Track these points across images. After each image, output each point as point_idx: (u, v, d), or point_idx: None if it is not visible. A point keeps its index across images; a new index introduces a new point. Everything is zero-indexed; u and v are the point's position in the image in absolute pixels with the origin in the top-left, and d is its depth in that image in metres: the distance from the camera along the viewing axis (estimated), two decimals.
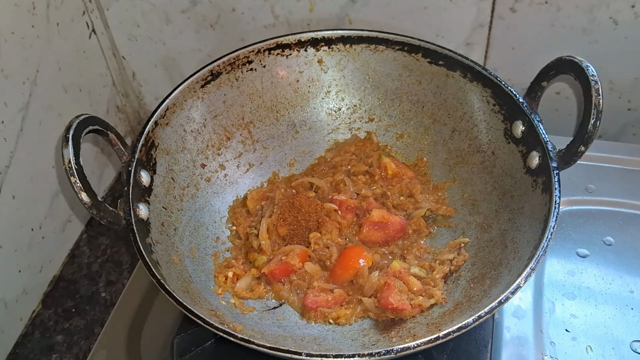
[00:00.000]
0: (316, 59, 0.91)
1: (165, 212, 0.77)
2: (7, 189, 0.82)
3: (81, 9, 0.98)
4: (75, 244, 0.99)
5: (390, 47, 0.88)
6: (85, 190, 0.65)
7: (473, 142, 0.84)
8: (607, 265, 0.79)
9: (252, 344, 0.59)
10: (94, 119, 0.70)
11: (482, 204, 0.81)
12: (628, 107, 0.96)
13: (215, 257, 0.81)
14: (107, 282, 0.94)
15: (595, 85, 0.66)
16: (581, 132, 0.68)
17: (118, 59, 1.10)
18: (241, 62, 0.87)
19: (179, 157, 0.82)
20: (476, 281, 0.72)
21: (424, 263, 0.77)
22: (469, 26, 0.93)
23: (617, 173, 0.89)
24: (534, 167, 0.73)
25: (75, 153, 0.65)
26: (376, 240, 0.81)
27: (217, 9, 1.00)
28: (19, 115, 0.83)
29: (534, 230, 0.68)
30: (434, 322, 0.69)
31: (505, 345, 0.72)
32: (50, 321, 0.89)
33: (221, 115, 0.87)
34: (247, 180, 0.90)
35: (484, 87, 0.81)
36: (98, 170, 1.05)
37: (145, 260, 0.65)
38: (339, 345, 0.69)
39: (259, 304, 0.76)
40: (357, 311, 0.74)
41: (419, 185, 0.86)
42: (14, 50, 0.82)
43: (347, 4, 0.95)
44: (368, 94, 0.93)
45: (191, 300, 0.68)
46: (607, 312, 0.74)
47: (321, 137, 0.94)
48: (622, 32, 0.88)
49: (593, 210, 0.85)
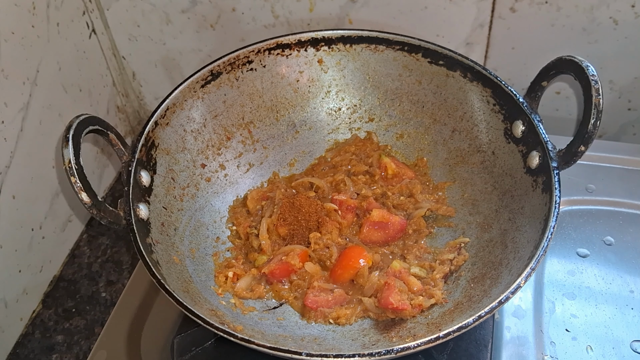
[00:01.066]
0: (316, 58, 0.91)
1: (165, 212, 0.77)
2: (7, 189, 0.82)
3: (81, 9, 0.98)
4: (75, 244, 1.00)
5: (390, 47, 0.88)
6: (85, 190, 0.65)
7: (473, 142, 0.84)
8: (607, 265, 0.79)
9: (252, 344, 0.59)
10: (94, 119, 0.70)
11: (482, 203, 0.81)
12: (628, 107, 0.96)
13: (215, 257, 0.81)
14: (107, 282, 0.94)
15: (595, 85, 0.66)
16: (581, 132, 0.68)
17: (118, 59, 1.10)
18: (241, 62, 0.87)
19: (179, 157, 0.82)
20: (476, 281, 0.72)
21: (424, 263, 0.77)
22: (469, 26, 0.93)
23: (617, 173, 0.89)
24: (534, 167, 0.73)
25: (75, 153, 0.65)
26: (376, 240, 0.81)
27: (217, 9, 1.00)
28: (19, 115, 0.83)
29: (534, 230, 0.68)
30: (434, 322, 0.69)
31: (506, 345, 0.72)
32: (51, 321, 0.89)
33: (221, 115, 0.87)
34: (247, 180, 0.90)
35: (484, 87, 0.82)
36: (98, 170, 1.05)
37: (146, 260, 0.65)
38: (339, 345, 0.69)
39: (259, 304, 0.76)
40: (357, 311, 0.74)
41: (419, 185, 0.86)
42: (14, 50, 0.82)
43: (347, 3, 0.95)
44: (368, 94, 0.93)
45: (191, 300, 0.68)
46: (607, 312, 0.74)
47: (321, 137, 0.94)
48: (622, 32, 0.88)
49: (593, 210, 0.85)
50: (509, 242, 0.72)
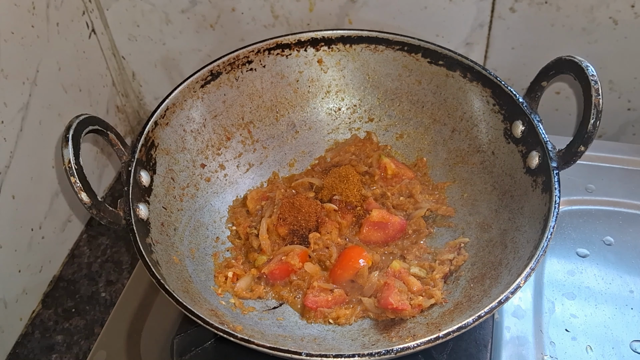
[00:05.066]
0: (316, 59, 0.91)
1: (165, 212, 0.77)
2: (7, 189, 0.82)
3: (81, 9, 0.98)
4: (75, 244, 1.00)
5: (390, 47, 0.88)
6: (85, 190, 0.65)
7: (473, 142, 0.84)
8: (607, 265, 0.79)
9: (252, 344, 0.59)
10: (94, 119, 0.70)
11: (482, 203, 0.81)
12: (628, 107, 0.96)
13: (215, 257, 0.81)
14: (107, 282, 0.94)
15: (595, 85, 0.67)
16: (581, 132, 0.68)
17: (118, 59, 1.10)
18: (241, 62, 0.87)
19: (178, 157, 0.82)
20: (476, 281, 0.72)
21: (423, 263, 0.77)
22: (468, 26, 0.93)
23: (617, 173, 0.89)
24: (533, 167, 0.73)
25: (75, 153, 0.65)
26: (376, 240, 0.81)
27: (217, 9, 1.00)
28: (18, 115, 0.83)
29: (534, 230, 0.68)
30: (434, 322, 0.69)
31: (505, 345, 0.72)
32: (50, 321, 0.89)
33: (221, 115, 0.87)
34: (247, 180, 0.90)
35: (484, 87, 0.82)
36: (98, 170, 1.05)
37: (145, 260, 0.65)
38: (339, 345, 0.69)
39: (259, 304, 0.76)
40: (357, 311, 0.74)
41: (419, 185, 0.86)
42: (14, 50, 0.82)
43: (347, 3, 0.95)
44: (368, 94, 0.93)
45: (191, 300, 0.68)
46: (607, 311, 0.74)
47: (321, 137, 0.94)
48: (622, 32, 0.88)
49: (593, 210, 0.85)
50: (509, 242, 0.72)
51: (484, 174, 0.82)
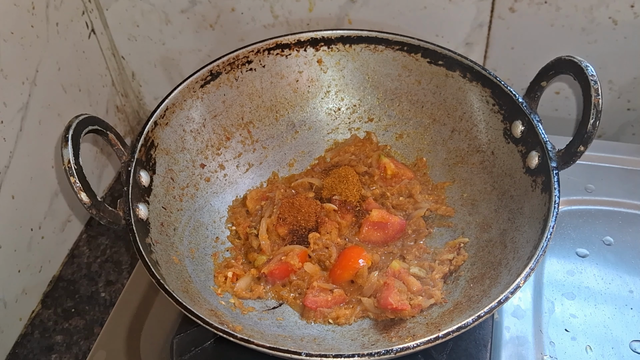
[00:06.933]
0: (316, 59, 0.91)
1: (164, 212, 0.77)
2: (6, 189, 0.82)
3: (80, 9, 0.98)
4: (74, 244, 1.00)
5: (389, 47, 0.88)
6: (84, 190, 0.65)
7: (472, 142, 0.84)
8: (607, 265, 0.79)
9: (252, 344, 0.59)
10: (94, 118, 0.70)
11: (481, 203, 0.81)
12: (627, 107, 0.97)
13: (215, 257, 0.81)
14: (106, 282, 0.94)
15: (595, 85, 0.67)
16: (581, 132, 0.68)
17: (117, 59, 1.10)
18: (241, 62, 0.87)
19: (178, 157, 0.82)
20: (476, 281, 0.72)
21: (423, 263, 0.77)
22: (468, 26, 0.93)
23: (617, 173, 0.89)
24: (533, 167, 0.73)
25: (74, 153, 0.65)
26: (376, 240, 0.81)
27: (217, 9, 1.00)
28: (18, 115, 0.83)
29: (534, 230, 0.68)
30: (434, 322, 0.69)
31: (505, 345, 0.72)
32: (50, 321, 0.89)
33: (221, 115, 0.87)
34: (246, 180, 0.90)
35: (484, 87, 0.82)
36: (98, 170, 1.05)
37: (145, 260, 0.65)
38: (339, 345, 0.69)
39: (259, 304, 0.76)
40: (357, 311, 0.74)
41: (419, 185, 0.86)
42: (14, 50, 0.82)
43: (347, 3, 0.95)
44: (367, 94, 0.93)
45: (191, 300, 0.68)
46: (607, 312, 0.74)
47: (321, 137, 0.94)
48: (622, 32, 0.88)
49: (592, 210, 0.85)
50: (508, 242, 0.72)
51: (483, 174, 0.82)
